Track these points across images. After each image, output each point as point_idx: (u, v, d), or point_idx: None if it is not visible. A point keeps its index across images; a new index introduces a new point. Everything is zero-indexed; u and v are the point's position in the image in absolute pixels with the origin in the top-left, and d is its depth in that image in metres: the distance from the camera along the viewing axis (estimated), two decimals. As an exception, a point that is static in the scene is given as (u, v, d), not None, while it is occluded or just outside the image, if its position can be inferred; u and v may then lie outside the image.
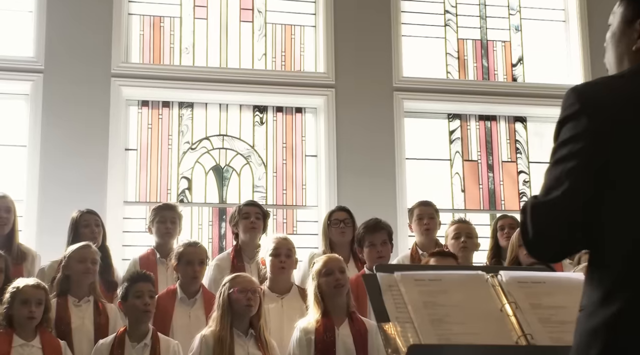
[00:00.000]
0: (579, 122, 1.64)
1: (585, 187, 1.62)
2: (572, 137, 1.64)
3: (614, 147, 1.61)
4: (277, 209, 6.65)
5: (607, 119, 1.62)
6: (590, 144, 1.62)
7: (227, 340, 4.01)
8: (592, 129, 1.62)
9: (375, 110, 6.81)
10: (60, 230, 5.04)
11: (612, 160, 1.61)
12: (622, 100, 1.64)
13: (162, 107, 6.66)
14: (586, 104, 1.64)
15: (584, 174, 1.62)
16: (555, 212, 1.64)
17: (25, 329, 4.05)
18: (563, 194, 1.62)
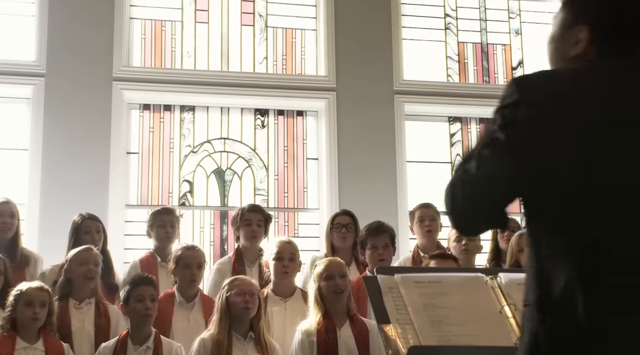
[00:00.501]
0: (516, 110, 1.64)
1: (515, 173, 1.64)
2: (508, 124, 1.64)
3: (549, 138, 1.61)
4: (279, 211, 6.66)
5: (543, 109, 1.63)
6: (525, 133, 1.62)
7: (224, 344, 4.02)
8: (528, 118, 1.63)
9: (376, 113, 6.82)
10: (62, 233, 5.05)
11: (547, 152, 1.61)
12: (561, 93, 1.65)
13: (164, 110, 6.68)
14: (525, 94, 1.65)
15: (514, 161, 1.63)
16: (483, 190, 1.66)
17: (29, 331, 4.06)
18: (491, 176, 1.65)
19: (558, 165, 1.61)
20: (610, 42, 1.75)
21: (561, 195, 1.61)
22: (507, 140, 1.63)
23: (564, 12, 1.83)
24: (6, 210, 4.89)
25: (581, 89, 1.66)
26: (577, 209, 1.60)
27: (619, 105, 1.64)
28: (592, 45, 1.76)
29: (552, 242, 1.63)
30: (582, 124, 1.62)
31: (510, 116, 1.65)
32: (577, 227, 1.60)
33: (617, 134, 1.61)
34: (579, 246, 1.59)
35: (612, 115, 1.63)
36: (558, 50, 1.83)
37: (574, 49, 1.78)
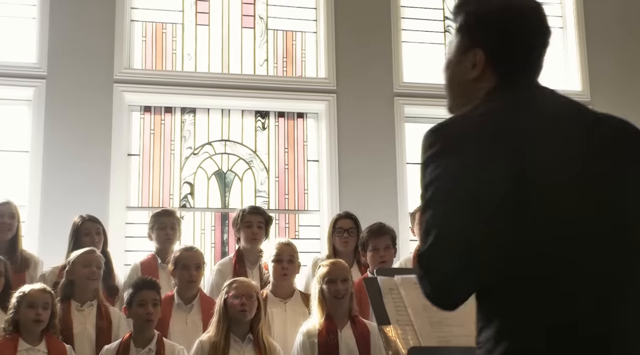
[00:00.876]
0: (440, 162, 1.59)
1: (459, 227, 1.55)
2: (436, 177, 1.59)
3: (478, 182, 1.55)
4: (279, 213, 6.67)
5: (466, 155, 1.58)
6: (455, 182, 1.57)
7: (221, 346, 4.04)
8: (454, 167, 1.58)
9: (376, 115, 6.84)
10: (63, 235, 5.06)
11: (479, 196, 1.55)
12: (480, 135, 1.60)
13: (165, 112, 6.70)
14: (445, 143, 1.61)
15: (455, 214, 1.55)
16: (441, 257, 1.57)
17: (32, 333, 4.07)
18: (439, 238, 1.56)
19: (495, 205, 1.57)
20: (506, 63, 1.75)
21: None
22: (445, 192, 1.58)
23: (459, 37, 1.82)
24: (6, 211, 4.88)
25: (494, 128, 1.63)
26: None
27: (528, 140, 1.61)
28: (489, 68, 1.76)
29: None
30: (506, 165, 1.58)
31: (437, 169, 1.60)
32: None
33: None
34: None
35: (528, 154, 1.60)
36: (455, 75, 1.83)
37: (471, 72, 1.78)
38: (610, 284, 1.55)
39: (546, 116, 1.67)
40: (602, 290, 1.54)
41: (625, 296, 1.56)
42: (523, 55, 1.76)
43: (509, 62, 1.75)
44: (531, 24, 1.78)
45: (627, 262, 1.59)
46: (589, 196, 1.60)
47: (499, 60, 1.75)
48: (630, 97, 7.28)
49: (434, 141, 1.63)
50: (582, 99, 7.21)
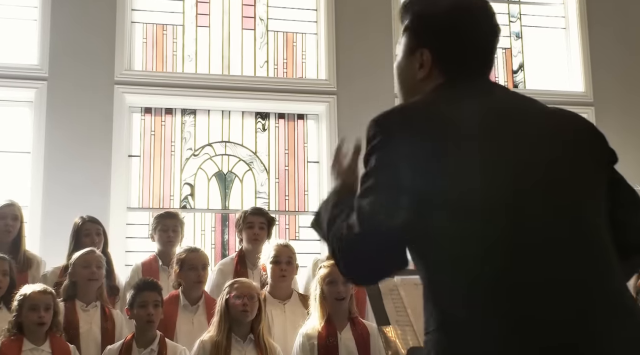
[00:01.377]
0: (381, 152, 1.61)
1: (394, 216, 1.56)
2: (374, 167, 1.61)
3: (415, 174, 1.57)
4: (280, 214, 6.68)
5: (405, 147, 1.60)
6: (392, 173, 1.58)
7: (223, 345, 4.06)
8: (393, 158, 1.60)
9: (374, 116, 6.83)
10: (64, 235, 5.08)
11: (417, 189, 1.56)
12: (420, 127, 1.62)
13: (165, 114, 6.71)
14: (385, 133, 1.62)
15: (391, 205, 1.56)
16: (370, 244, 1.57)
17: (36, 334, 4.09)
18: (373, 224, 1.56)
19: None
20: (452, 61, 1.76)
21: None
22: (383, 182, 1.59)
23: (406, 37, 1.83)
24: (9, 213, 4.91)
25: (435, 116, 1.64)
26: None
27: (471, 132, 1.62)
28: (436, 68, 1.77)
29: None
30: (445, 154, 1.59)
31: (377, 159, 1.62)
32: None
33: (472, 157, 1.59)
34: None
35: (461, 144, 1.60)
36: (404, 75, 1.84)
37: (418, 73, 1.79)
38: (577, 291, 1.53)
39: (488, 111, 1.67)
40: (569, 298, 1.52)
41: (594, 303, 1.53)
42: (470, 55, 1.77)
43: (456, 61, 1.76)
44: (478, 23, 1.79)
45: (594, 269, 1.57)
46: (542, 199, 1.59)
47: (446, 60, 1.77)
48: (633, 98, 7.30)
49: (375, 132, 1.64)
50: (584, 100, 7.23)
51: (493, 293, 1.52)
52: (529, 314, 1.50)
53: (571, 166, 1.66)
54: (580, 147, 1.71)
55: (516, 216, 1.56)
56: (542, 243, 1.55)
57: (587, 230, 1.60)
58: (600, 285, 1.56)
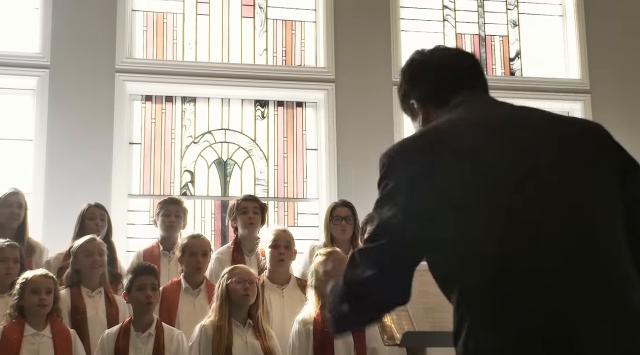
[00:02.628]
0: (386, 185, 1.79)
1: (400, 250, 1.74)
2: (382, 198, 1.79)
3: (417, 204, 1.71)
4: (279, 201, 6.75)
5: (408, 178, 1.75)
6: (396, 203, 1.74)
7: (225, 330, 4.11)
8: (396, 189, 1.76)
9: (374, 104, 6.89)
10: (67, 222, 5.17)
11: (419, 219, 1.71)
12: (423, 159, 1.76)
13: (165, 101, 6.76)
14: (389, 167, 1.81)
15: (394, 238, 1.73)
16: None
17: (37, 318, 4.15)
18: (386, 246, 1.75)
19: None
20: (435, 98, 1.99)
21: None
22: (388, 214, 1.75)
23: (399, 94, 2.13)
24: (14, 201, 4.99)
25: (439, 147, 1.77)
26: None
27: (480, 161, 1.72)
28: (427, 105, 2.01)
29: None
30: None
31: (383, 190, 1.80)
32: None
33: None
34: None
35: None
36: (413, 122, 2.10)
37: (418, 119, 2.04)
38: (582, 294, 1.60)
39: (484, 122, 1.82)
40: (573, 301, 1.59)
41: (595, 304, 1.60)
42: (447, 82, 1.99)
43: (436, 93, 2.00)
44: (444, 57, 2.05)
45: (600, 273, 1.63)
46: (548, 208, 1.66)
47: (427, 96, 2.03)
48: (630, 85, 7.32)
49: (383, 163, 1.83)
50: (581, 87, 7.27)
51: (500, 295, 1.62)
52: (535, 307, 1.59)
53: (573, 170, 1.72)
54: (583, 151, 1.76)
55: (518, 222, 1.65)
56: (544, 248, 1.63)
57: (594, 236, 1.66)
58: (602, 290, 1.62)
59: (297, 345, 4.22)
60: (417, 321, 2.61)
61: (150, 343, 4.14)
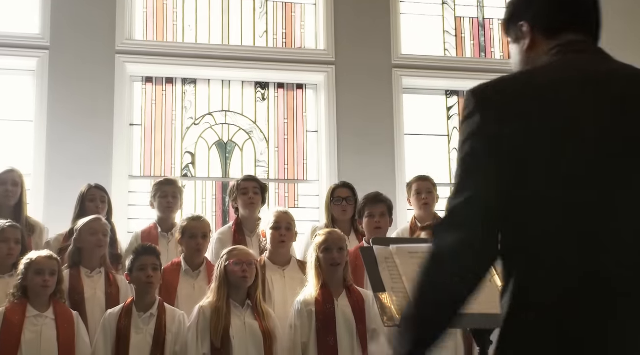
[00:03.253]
0: (474, 121, 1.69)
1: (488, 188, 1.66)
2: (468, 136, 1.70)
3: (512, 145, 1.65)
4: (279, 183, 6.78)
5: (501, 117, 1.68)
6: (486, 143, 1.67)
7: (223, 311, 4.13)
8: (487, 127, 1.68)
9: (374, 86, 6.91)
10: (67, 203, 5.18)
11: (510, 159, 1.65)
12: (519, 97, 1.70)
13: (166, 83, 6.77)
14: (481, 103, 1.70)
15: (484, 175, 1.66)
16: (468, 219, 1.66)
17: (40, 299, 4.18)
18: (467, 200, 1.66)
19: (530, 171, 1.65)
20: (549, 30, 1.84)
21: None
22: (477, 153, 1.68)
23: (507, 12, 1.96)
24: (9, 179, 4.96)
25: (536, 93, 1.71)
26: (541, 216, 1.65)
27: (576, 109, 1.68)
28: (536, 36, 1.86)
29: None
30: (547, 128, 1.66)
31: (470, 127, 1.70)
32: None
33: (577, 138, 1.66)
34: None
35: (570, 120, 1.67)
36: (515, 57, 1.94)
37: (522, 44, 1.89)
38: (633, 253, 1.62)
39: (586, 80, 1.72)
40: (624, 259, 1.61)
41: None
42: (564, 15, 1.85)
43: (551, 23, 1.85)
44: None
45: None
46: (612, 167, 1.65)
47: (541, 24, 1.86)
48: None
49: (470, 101, 1.73)
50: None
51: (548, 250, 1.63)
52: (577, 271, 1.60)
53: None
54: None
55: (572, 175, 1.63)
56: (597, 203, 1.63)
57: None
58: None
59: (299, 326, 4.25)
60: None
61: (152, 323, 4.17)
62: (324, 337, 4.21)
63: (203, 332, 4.13)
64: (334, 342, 4.20)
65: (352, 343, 4.22)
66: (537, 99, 1.68)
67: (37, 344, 4.10)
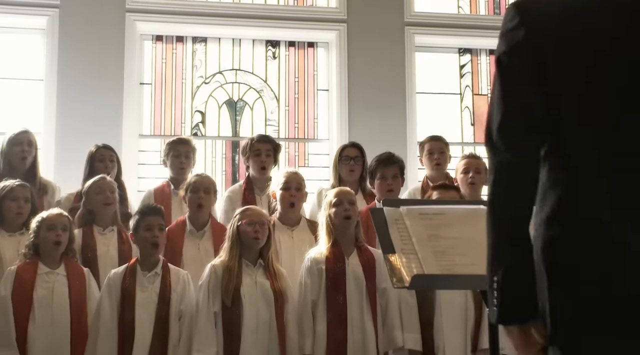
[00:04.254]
0: (517, 34, 1.69)
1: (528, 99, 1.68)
2: (510, 49, 1.70)
3: (554, 59, 1.66)
4: (289, 142, 6.76)
5: (546, 31, 1.67)
6: (528, 56, 1.67)
7: (235, 270, 4.14)
8: (531, 41, 1.68)
9: (386, 45, 6.85)
10: (77, 163, 5.20)
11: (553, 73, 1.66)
12: (563, 11, 1.69)
13: (176, 41, 6.73)
14: (525, 17, 1.69)
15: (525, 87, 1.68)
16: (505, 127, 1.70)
17: (51, 257, 4.21)
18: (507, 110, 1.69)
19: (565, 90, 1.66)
20: None
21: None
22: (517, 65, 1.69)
23: None
24: (24, 139, 4.98)
25: (579, 12, 1.70)
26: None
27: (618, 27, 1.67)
28: None
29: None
30: (590, 48, 1.66)
31: (512, 40, 1.70)
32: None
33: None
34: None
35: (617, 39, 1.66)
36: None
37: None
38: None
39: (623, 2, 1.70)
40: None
41: None
42: None
43: None
44: None
45: None
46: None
47: None
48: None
49: (514, 15, 1.71)
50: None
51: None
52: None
53: None
54: None
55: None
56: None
57: None
58: None
59: (309, 283, 4.26)
60: (426, 264, 2.63)
61: (157, 282, 4.17)
62: (333, 295, 4.20)
63: (214, 291, 4.14)
64: (343, 301, 4.20)
65: (362, 302, 4.22)
66: (579, 18, 1.67)
67: (49, 301, 4.14)
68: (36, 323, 4.08)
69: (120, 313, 4.10)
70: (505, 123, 1.70)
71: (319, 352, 4.18)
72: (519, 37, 1.68)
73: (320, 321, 4.20)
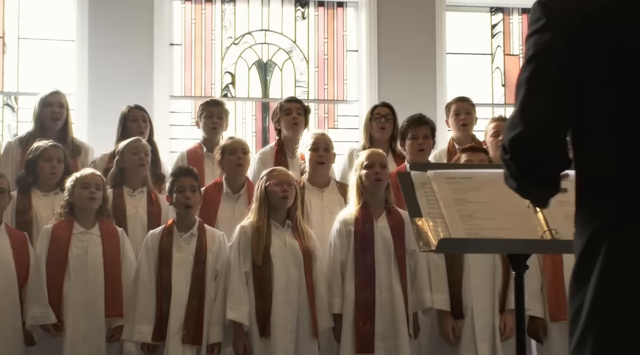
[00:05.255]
0: (544, 35, 1.68)
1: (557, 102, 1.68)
2: (539, 51, 1.69)
3: (582, 59, 1.66)
4: (319, 103, 6.76)
5: (573, 31, 1.66)
6: (557, 56, 1.67)
7: (264, 230, 4.20)
8: (559, 41, 1.67)
9: (416, 4, 6.78)
10: (110, 123, 5.26)
11: (582, 74, 1.66)
12: (589, 9, 1.68)
13: (205, 2, 6.72)
14: (551, 16, 1.68)
15: (555, 89, 1.67)
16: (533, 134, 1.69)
17: (86, 216, 4.30)
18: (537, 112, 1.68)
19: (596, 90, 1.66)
20: None
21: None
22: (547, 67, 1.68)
23: None
24: (55, 100, 5.03)
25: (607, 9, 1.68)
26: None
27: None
28: None
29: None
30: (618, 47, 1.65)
31: (540, 41, 1.68)
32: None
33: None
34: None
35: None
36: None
37: None
38: None
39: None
40: None
41: None
42: None
43: None
44: None
45: None
46: None
47: None
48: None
49: (540, 15, 1.71)
50: None
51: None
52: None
53: None
54: None
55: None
56: None
57: None
58: None
59: (338, 245, 4.30)
60: (453, 228, 2.66)
61: (193, 243, 4.25)
62: (361, 257, 4.25)
63: (244, 251, 4.21)
64: (371, 263, 4.25)
65: (390, 264, 4.27)
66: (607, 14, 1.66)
67: (84, 260, 4.24)
68: (71, 281, 4.20)
69: (158, 273, 4.20)
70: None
71: (347, 311, 4.24)
72: (546, 38, 1.68)
73: (348, 281, 4.26)
